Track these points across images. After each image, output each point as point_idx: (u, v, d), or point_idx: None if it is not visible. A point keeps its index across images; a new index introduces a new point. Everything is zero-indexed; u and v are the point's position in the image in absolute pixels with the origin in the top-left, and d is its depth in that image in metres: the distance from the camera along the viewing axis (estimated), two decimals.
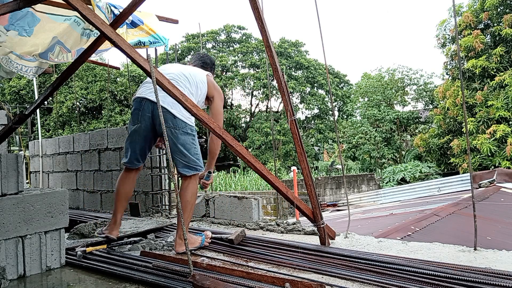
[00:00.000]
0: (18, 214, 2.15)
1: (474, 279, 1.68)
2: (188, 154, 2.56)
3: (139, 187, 4.64)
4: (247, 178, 17.60)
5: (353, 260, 2.06)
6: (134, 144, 2.64)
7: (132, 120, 2.63)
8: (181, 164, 2.54)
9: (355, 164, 20.90)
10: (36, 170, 6.40)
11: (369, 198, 9.91)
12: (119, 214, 2.71)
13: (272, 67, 2.48)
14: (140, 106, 2.57)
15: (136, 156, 2.67)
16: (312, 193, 2.46)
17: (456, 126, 14.44)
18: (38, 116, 7.61)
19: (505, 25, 12.73)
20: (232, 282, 1.77)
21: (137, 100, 2.61)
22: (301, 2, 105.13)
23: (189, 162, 2.55)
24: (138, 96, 2.62)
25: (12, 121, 2.84)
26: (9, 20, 3.00)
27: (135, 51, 2.11)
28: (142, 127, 2.59)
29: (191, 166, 2.56)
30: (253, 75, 25.20)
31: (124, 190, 2.70)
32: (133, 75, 21.01)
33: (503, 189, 7.08)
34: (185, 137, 2.56)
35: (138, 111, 2.58)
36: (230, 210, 3.62)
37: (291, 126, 2.47)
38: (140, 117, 2.57)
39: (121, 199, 2.70)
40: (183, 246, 2.44)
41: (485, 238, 3.43)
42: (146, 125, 2.58)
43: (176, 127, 2.54)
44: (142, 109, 2.57)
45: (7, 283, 2.02)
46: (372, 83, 21.56)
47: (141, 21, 3.69)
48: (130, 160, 2.68)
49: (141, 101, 2.58)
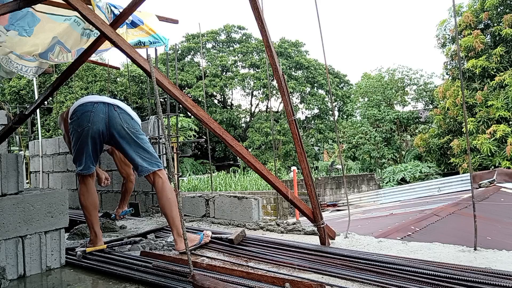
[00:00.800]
0: (18, 214, 2.15)
1: (474, 279, 1.68)
2: (151, 152, 2.65)
3: (139, 187, 4.64)
4: (247, 178, 17.59)
5: (353, 260, 2.06)
6: (87, 147, 2.58)
7: (79, 124, 2.56)
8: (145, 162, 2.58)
9: (355, 164, 20.91)
10: (36, 170, 6.40)
11: (369, 198, 9.92)
12: (96, 225, 2.63)
13: (272, 67, 2.48)
14: (92, 108, 2.56)
15: (91, 159, 2.62)
16: (312, 193, 2.46)
17: (456, 126, 14.45)
18: (38, 116, 7.61)
19: (505, 25, 12.74)
20: (232, 282, 1.77)
21: (87, 104, 2.59)
22: (301, 2, 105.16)
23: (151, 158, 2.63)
24: (89, 100, 2.61)
25: (12, 121, 2.84)
26: (9, 20, 3.00)
27: (135, 51, 2.11)
28: (93, 129, 2.55)
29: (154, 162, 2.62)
30: (253, 75, 25.22)
31: (90, 201, 2.62)
32: (133, 75, 21.03)
33: (503, 189, 7.08)
34: (143, 137, 2.68)
35: (90, 113, 2.55)
36: (230, 210, 3.62)
37: (291, 126, 2.47)
38: (92, 118, 2.54)
39: (91, 211, 2.61)
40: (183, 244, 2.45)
41: (485, 238, 3.43)
42: (97, 127, 2.55)
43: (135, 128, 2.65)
44: (95, 111, 2.55)
45: (7, 283, 2.02)
46: (372, 83, 21.56)
47: (141, 21, 3.69)
48: (86, 165, 2.61)
49: (93, 104, 2.58)
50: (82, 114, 2.57)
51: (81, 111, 2.58)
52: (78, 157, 2.61)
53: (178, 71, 23.84)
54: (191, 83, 24.16)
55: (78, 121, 2.57)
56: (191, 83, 24.15)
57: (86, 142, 2.57)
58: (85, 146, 2.58)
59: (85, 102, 2.61)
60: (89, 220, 2.62)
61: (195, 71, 25.02)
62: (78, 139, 2.58)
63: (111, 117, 2.57)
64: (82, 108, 2.59)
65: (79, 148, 2.59)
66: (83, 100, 2.65)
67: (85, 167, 2.61)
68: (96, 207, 2.65)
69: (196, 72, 24.79)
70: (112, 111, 2.59)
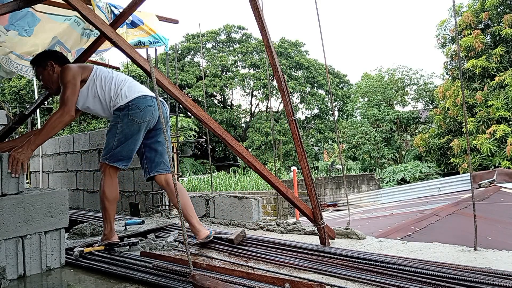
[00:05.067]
0: (18, 214, 2.15)
1: (474, 279, 1.68)
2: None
3: (139, 187, 4.64)
4: (247, 178, 17.60)
5: (353, 260, 2.06)
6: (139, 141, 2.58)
7: (142, 117, 2.51)
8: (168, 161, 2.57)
9: (355, 164, 20.90)
10: (36, 170, 6.41)
11: (369, 198, 9.92)
12: (113, 220, 2.64)
13: (272, 67, 2.48)
14: (152, 102, 2.55)
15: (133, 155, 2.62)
16: (312, 193, 2.46)
17: (456, 126, 14.45)
18: (38, 116, 7.62)
19: (505, 25, 12.74)
20: (232, 282, 1.77)
21: (146, 98, 2.55)
22: (301, 2, 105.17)
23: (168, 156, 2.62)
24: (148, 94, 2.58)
25: (12, 121, 2.85)
26: (9, 20, 3.00)
27: (135, 51, 2.12)
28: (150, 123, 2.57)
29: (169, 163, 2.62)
30: (253, 75, 25.22)
31: (114, 195, 2.61)
32: (133, 75, 21.00)
33: (503, 189, 7.08)
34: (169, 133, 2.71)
35: (151, 107, 2.54)
36: (230, 210, 3.62)
37: (291, 126, 2.47)
38: (153, 113, 2.55)
39: (112, 204, 2.61)
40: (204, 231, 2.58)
41: (485, 238, 3.43)
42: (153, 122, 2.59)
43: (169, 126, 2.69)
44: (155, 106, 2.55)
45: (7, 283, 2.02)
46: (372, 83, 21.57)
47: (141, 21, 3.70)
48: (131, 160, 2.62)
49: (151, 98, 2.56)
50: (145, 107, 2.52)
51: (143, 104, 2.52)
52: (128, 152, 2.54)
53: (178, 71, 23.84)
54: (191, 83, 24.16)
55: (141, 114, 2.50)
56: (191, 83, 24.15)
57: (140, 136, 2.56)
58: (138, 140, 2.56)
59: (145, 94, 2.56)
60: (108, 213, 2.59)
61: (195, 71, 25.02)
62: (135, 132, 2.52)
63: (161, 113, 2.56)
64: (144, 101, 2.53)
65: (133, 143, 2.53)
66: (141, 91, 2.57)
67: (130, 162, 2.60)
68: (116, 201, 2.64)
69: (196, 72, 24.79)
70: (162, 107, 2.56)
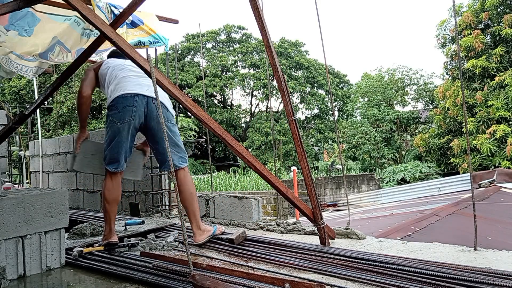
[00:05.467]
0: (18, 214, 2.15)
1: (474, 279, 1.68)
2: (181, 145, 2.57)
3: (139, 187, 4.64)
4: (247, 178, 17.59)
5: (353, 260, 2.06)
6: (126, 143, 2.51)
7: (120, 118, 2.45)
8: (176, 156, 2.51)
9: (355, 164, 20.89)
10: (36, 170, 6.40)
11: (369, 198, 9.91)
12: (113, 221, 2.61)
13: (272, 67, 2.48)
14: (133, 102, 2.46)
15: (125, 155, 2.56)
16: (312, 193, 2.46)
17: (456, 126, 14.44)
18: (38, 116, 7.61)
19: (505, 25, 12.73)
20: (232, 282, 1.77)
21: (127, 97, 2.46)
22: (301, 2, 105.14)
23: (180, 152, 2.55)
24: (130, 92, 2.48)
25: (12, 121, 2.85)
26: (9, 20, 3.00)
27: (135, 51, 2.11)
28: (134, 123, 2.48)
29: (184, 157, 2.56)
30: (253, 75, 25.21)
31: (114, 197, 2.57)
32: None
33: (503, 189, 7.07)
34: (175, 129, 2.59)
35: (131, 107, 2.45)
36: (230, 210, 3.62)
37: (291, 126, 2.47)
38: (133, 113, 2.45)
39: (113, 206, 2.58)
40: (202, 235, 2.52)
41: (485, 238, 3.42)
42: (138, 122, 2.50)
43: (170, 120, 2.55)
44: (136, 105, 2.46)
45: (7, 283, 2.02)
46: (372, 83, 21.56)
47: (141, 21, 3.69)
48: (121, 163, 2.55)
49: (133, 97, 2.47)
50: (123, 108, 2.45)
51: (122, 104, 2.45)
52: (114, 154, 2.50)
53: (178, 71, 23.83)
54: (191, 83, 24.15)
55: (119, 115, 2.45)
56: (191, 83, 24.14)
57: (126, 137, 2.49)
58: (124, 142, 2.50)
59: (125, 93, 2.47)
60: (108, 215, 2.57)
61: (195, 71, 25.01)
62: (116, 133, 2.47)
63: (149, 111, 2.47)
64: (123, 101, 2.45)
65: (117, 145, 2.49)
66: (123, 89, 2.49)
67: (119, 165, 2.54)
68: (117, 203, 2.62)
69: (196, 72, 24.78)
70: (150, 105, 2.49)
